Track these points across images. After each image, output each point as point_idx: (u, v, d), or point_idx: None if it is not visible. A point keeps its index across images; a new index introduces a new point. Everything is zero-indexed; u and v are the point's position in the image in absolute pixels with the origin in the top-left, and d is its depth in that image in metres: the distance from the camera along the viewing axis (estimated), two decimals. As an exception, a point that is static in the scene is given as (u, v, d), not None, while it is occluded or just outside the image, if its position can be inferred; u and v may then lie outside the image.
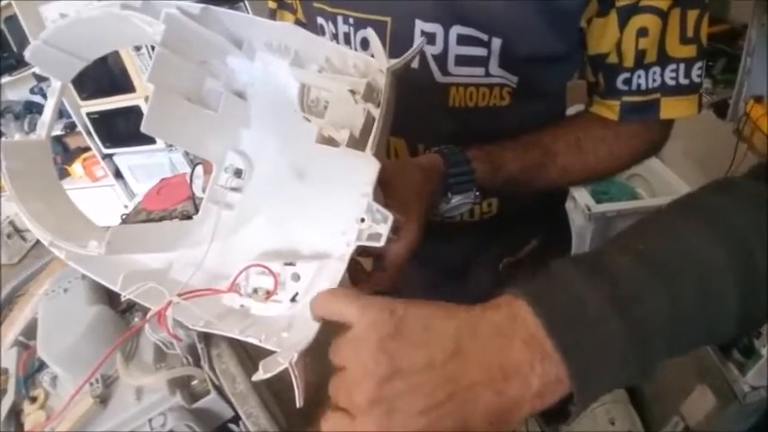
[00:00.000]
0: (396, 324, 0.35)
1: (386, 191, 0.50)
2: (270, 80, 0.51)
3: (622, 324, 0.32)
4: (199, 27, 0.48)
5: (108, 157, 2.92)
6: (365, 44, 0.67)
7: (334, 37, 0.70)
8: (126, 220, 1.47)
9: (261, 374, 0.41)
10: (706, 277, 0.34)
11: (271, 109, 0.53)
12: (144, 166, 2.87)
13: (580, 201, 1.80)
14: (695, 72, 0.62)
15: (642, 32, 0.59)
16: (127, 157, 2.88)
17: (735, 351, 1.29)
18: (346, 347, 0.37)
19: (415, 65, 0.65)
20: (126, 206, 1.63)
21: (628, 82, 0.63)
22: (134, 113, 2.55)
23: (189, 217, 0.96)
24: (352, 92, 0.45)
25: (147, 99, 0.49)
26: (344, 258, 0.45)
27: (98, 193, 3.07)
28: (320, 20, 0.71)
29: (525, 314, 0.34)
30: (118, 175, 3.01)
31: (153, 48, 0.47)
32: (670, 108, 0.63)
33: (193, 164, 1.35)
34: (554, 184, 0.70)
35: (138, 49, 2.31)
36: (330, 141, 0.46)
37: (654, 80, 0.62)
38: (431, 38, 0.62)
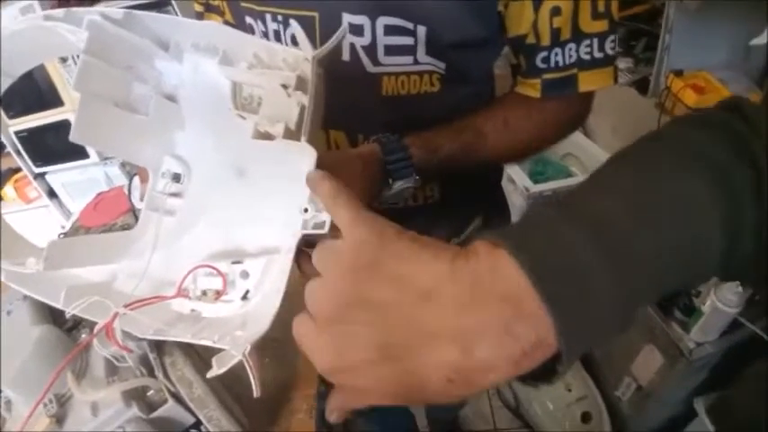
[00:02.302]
0: (378, 250, 0.34)
1: None
2: (200, 81, 0.51)
3: (612, 272, 0.29)
4: (122, 32, 0.47)
5: (40, 176, 2.78)
6: (296, 40, 0.67)
7: (264, 35, 0.70)
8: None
9: (216, 370, 0.41)
10: (691, 218, 0.31)
11: (204, 110, 0.53)
12: (78, 183, 2.75)
13: (519, 182, 1.86)
14: (608, 45, 0.65)
15: (556, 11, 0.62)
16: (60, 174, 2.75)
17: (676, 311, 1.36)
18: (328, 255, 0.36)
19: (346, 57, 0.66)
20: (63, 226, 1.56)
21: (546, 60, 0.66)
22: (64, 128, 2.42)
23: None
24: (284, 86, 0.46)
25: (76, 111, 0.48)
26: (291, 249, 0.46)
27: (33, 216, 2.93)
28: (249, 19, 0.71)
29: (506, 266, 0.30)
30: (52, 194, 2.86)
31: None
32: (587, 81, 0.66)
33: (130, 175, 1.31)
34: (488, 162, 0.72)
35: (64, 60, 2.21)
36: (266, 136, 0.46)
37: (570, 56, 0.65)
38: (359, 30, 0.64)
